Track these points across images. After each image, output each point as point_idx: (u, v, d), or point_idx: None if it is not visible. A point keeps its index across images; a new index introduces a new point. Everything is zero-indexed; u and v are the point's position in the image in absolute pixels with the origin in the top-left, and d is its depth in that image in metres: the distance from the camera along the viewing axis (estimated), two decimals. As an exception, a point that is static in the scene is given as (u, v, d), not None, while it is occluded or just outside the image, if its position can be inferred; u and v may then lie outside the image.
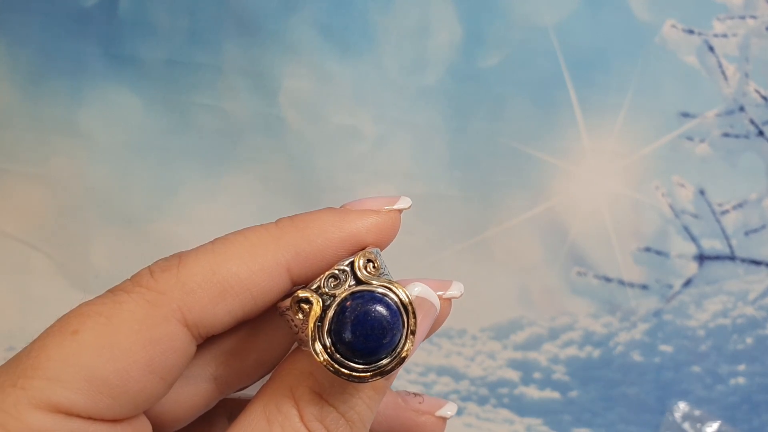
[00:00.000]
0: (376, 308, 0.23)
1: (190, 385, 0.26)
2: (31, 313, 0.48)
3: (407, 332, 0.23)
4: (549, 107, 0.49)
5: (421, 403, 0.29)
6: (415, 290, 0.25)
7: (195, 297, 0.23)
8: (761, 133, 0.48)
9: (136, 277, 0.24)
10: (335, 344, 0.23)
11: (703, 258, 0.48)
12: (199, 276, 0.24)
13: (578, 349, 0.48)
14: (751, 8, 0.48)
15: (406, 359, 0.23)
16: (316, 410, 0.23)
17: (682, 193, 0.49)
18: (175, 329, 0.23)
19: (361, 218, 0.26)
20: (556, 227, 0.49)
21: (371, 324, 0.23)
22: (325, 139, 0.49)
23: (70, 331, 0.22)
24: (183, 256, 0.24)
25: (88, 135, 0.50)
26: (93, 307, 0.23)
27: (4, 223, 0.50)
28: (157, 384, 0.23)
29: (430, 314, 0.25)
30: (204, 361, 0.27)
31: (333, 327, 0.23)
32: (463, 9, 0.49)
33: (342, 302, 0.23)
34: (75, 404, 0.22)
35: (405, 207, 0.27)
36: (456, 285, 0.27)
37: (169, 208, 0.49)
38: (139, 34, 0.50)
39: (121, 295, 0.23)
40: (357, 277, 0.24)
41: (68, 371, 0.22)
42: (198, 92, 0.50)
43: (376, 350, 0.23)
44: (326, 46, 0.49)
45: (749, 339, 0.48)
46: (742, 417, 0.47)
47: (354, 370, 0.23)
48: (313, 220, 0.25)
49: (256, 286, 0.24)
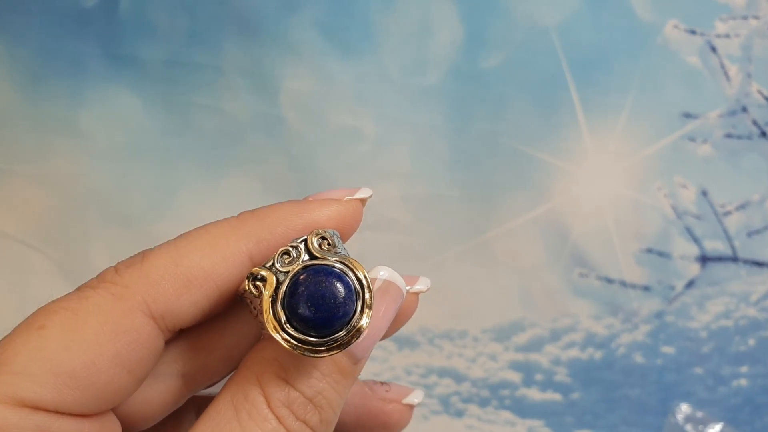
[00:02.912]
0: (328, 279, 0.23)
1: (159, 383, 0.26)
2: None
3: (363, 305, 0.23)
4: (550, 108, 0.49)
5: (387, 392, 0.29)
6: (381, 273, 0.25)
7: (159, 288, 0.24)
8: (764, 134, 0.48)
9: (102, 274, 0.24)
10: (290, 319, 0.23)
11: (705, 259, 0.48)
12: (162, 268, 0.24)
13: (580, 351, 0.48)
14: (754, 8, 0.48)
15: (362, 332, 0.23)
16: (283, 396, 0.23)
17: (685, 194, 0.48)
18: (141, 321, 0.23)
19: (321, 207, 0.26)
20: (558, 228, 0.49)
21: (323, 294, 0.23)
22: (325, 140, 0.49)
23: (37, 326, 0.23)
24: (147, 252, 0.25)
25: (89, 135, 0.50)
26: (59, 303, 0.23)
27: (4, 223, 0.50)
28: (125, 377, 0.23)
29: (397, 298, 0.25)
30: (171, 358, 0.27)
31: (286, 301, 0.23)
32: (465, 9, 0.49)
33: (295, 276, 0.23)
34: (42, 398, 0.22)
35: (366, 196, 0.27)
36: (423, 279, 0.27)
37: (169, 209, 0.49)
38: (140, 34, 0.50)
39: (86, 290, 0.24)
40: (311, 253, 0.24)
41: (35, 365, 0.22)
42: (198, 93, 0.50)
43: (330, 322, 0.23)
44: (327, 46, 0.49)
45: (751, 340, 0.48)
46: (745, 419, 0.47)
47: (310, 344, 0.23)
48: (273, 210, 0.26)
49: (218, 275, 0.24)
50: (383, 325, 0.25)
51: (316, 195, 0.27)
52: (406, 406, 0.29)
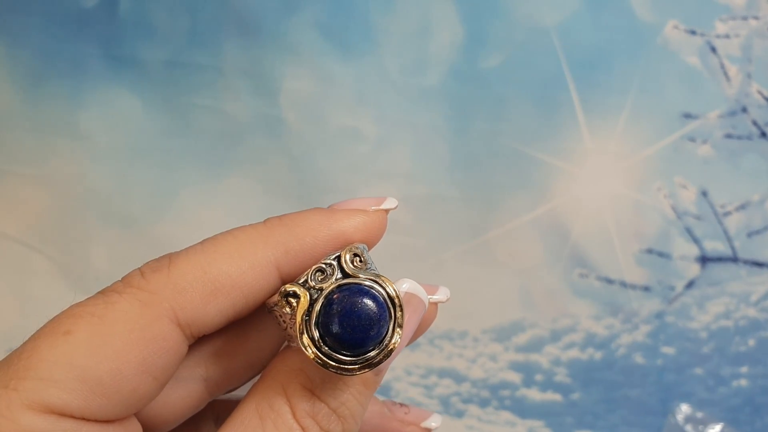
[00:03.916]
0: (362, 300, 0.23)
1: (181, 387, 0.26)
2: (31, 315, 0.48)
3: (394, 324, 0.23)
4: (551, 108, 0.49)
5: (406, 414, 0.29)
6: (404, 286, 0.25)
7: (186, 296, 0.24)
8: (764, 134, 0.48)
9: (127, 278, 0.24)
10: (323, 337, 0.23)
11: (705, 260, 0.48)
12: (190, 275, 0.24)
13: (580, 351, 0.48)
14: (754, 9, 0.48)
15: (393, 351, 0.23)
16: (308, 406, 0.23)
17: (685, 195, 0.48)
18: (167, 329, 0.23)
19: (348, 217, 0.26)
20: (558, 229, 0.49)
21: (358, 315, 0.23)
22: (325, 141, 0.49)
23: (63, 331, 0.22)
24: (173, 256, 0.24)
25: (89, 136, 0.50)
26: (85, 307, 0.23)
27: (5, 224, 0.50)
28: (150, 384, 0.23)
29: (419, 310, 0.25)
30: (194, 362, 0.27)
31: (320, 319, 0.23)
32: (465, 9, 0.49)
33: (329, 295, 0.23)
34: (68, 404, 0.22)
35: (392, 207, 0.27)
36: (443, 290, 0.27)
37: (169, 210, 0.49)
38: (140, 35, 0.50)
39: (112, 295, 0.23)
40: (344, 270, 0.24)
41: (61, 371, 0.22)
42: (198, 93, 0.50)
43: (363, 342, 0.23)
44: (327, 47, 0.49)
45: (751, 341, 0.48)
46: (745, 419, 0.47)
47: (342, 362, 0.23)
48: (301, 219, 0.25)
49: (246, 284, 0.24)
50: (407, 338, 0.25)
51: (340, 204, 0.27)
52: (424, 430, 0.30)
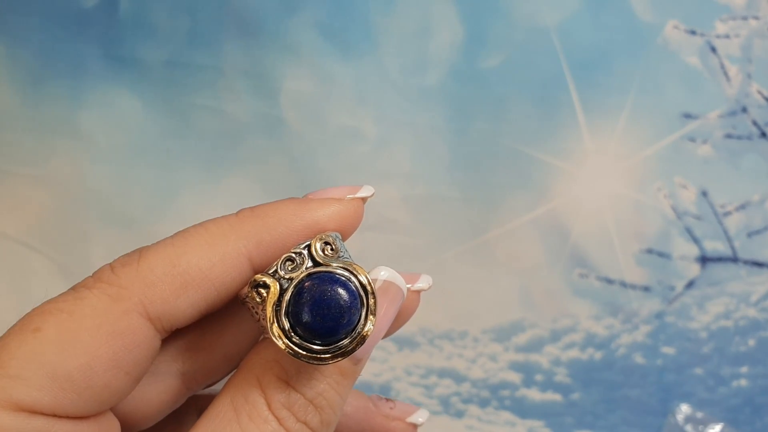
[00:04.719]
0: (333, 288, 0.23)
1: (158, 382, 0.26)
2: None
3: (367, 312, 0.23)
4: (551, 108, 0.49)
5: (392, 409, 0.29)
6: (381, 274, 0.25)
7: (156, 290, 0.23)
8: (764, 134, 0.48)
9: (98, 273, 0.24)
10: (294, 327, 0.23)
11: (705, 260, 0.48)
12: (160, 269, 0.23)
13: (580, 351, 0.48)
14: (754, 9, 0.48)
15: (367, 339, 0.23)
16: (284, 397, 0.23)
17: (685, 195, 0.48)
18: (137, 323, 0.23)
19: (322, 207, 0.25)
20: (558, 229, 0.49)
21: (328, 303, 0.22)
22: (325, 141, 0.49)
23: (32, 329, 0.22)
24: (144, 250, 0.24)
25: (89, 136, 0.50)
26: (55, 304, 0.23)
27: (5, 224, 0.50)
28: (122, 379, 0.23)
29: (397, 298, 0.25)
30: (170, 357, 0.26)
31: (290, 309, 0.23)
32: (465, 9, 0.49)
33: (299, 284, 0.23)
34: (38, 402, 0.22)
35: (367, 195, 0.27)
36: (424, 277, 0.27)
37: (169, 210, 0.49)
38: (140, 35, 0.50)
39: (82, 291, 0.23)
40: (314, 259, 0.23)
41: (30, 369, 0.22)
42: (198, 94, 0.50)
43: (334, 330, 0.22)
44: (327, 47, 0.49)
45: (751, 341, 0.48)
46: (745, 419, 0.47)
47: (314, 352, 0.22)
48: (274, 209, 0.25)
49: (217, 277, 0.24)
50: (384, 326, 0.25)
51: (316, 193, 0.27)
52: (409, 425, 0.29)
